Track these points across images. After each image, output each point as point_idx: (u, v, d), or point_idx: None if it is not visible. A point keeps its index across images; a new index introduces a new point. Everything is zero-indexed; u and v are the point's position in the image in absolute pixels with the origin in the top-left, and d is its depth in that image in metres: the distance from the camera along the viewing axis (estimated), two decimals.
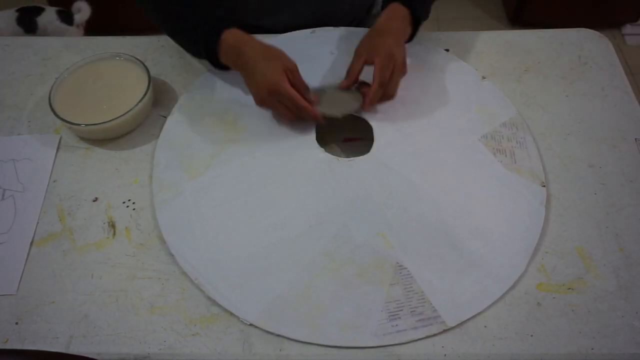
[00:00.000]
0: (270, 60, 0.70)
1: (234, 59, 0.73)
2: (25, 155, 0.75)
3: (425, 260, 0.63)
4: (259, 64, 0.70)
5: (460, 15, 2.11)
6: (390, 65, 0.71)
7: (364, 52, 0.74)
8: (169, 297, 0.62)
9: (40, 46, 0.90)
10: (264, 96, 0.71)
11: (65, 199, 0.71)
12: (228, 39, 0.72)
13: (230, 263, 0.64)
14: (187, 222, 0.67)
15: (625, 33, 1.99)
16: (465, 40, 0.89)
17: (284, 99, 0.70)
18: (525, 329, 0.59)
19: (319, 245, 0.65)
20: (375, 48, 0.72)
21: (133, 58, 0.80)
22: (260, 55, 0.71)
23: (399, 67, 0.72)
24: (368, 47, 0.74)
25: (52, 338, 0.59)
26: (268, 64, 0.70)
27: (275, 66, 0.69)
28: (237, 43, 0.72)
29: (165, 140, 0.75)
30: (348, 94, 0.76)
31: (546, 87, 0.82)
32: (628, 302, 0.61)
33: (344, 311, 0.60)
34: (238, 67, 0.73)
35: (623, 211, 0.68)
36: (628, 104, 0.80)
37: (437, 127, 0.76)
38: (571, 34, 0.90)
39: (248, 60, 0.71)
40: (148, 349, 0.58)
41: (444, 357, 0.58)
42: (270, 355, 0.58)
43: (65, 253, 0.66)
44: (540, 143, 0.75)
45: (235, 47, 0.72)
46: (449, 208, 0.67)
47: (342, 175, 0.71)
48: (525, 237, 0.65)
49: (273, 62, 0.70)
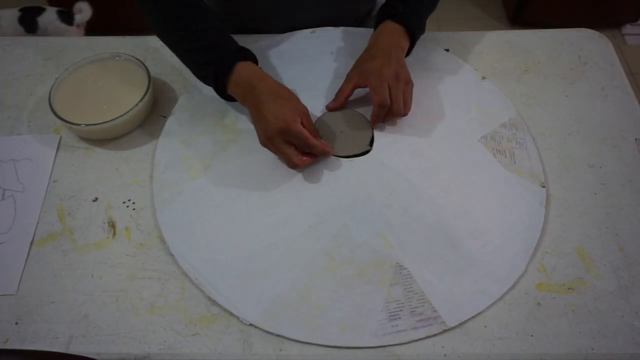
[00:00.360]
0: (284, 100, 0.68)
1: (244, 92, 0.69)
2: (25, 155, 0.75)
3: (425, 260, 0.63)
4: (271, 102, 0.67)
5: (460, 15, 2.11)
6: (384, 84, 0.70)
7: (354, 76, 0.75)
8: (169, 297, 0.62)
9: (40, 46, 0.90)
10: (272, 135, 0.66)
11: (65, 199, 0.71)
12: (241, 71, 0.69)
13: (230, 263, 0.64)
14: (187, 222, 0.67)
15: (625, 33, 1.99)
16: (465, 40, 0.89)
17: (294, 139, 0.67)
18: (525, 329, 0.59)
19: (319, 245, 0.65)
20: (365, 72, 0.72)
21: (133, 58, 0.80)
22: (274, 94, 0.68)
23: (394, 83, 0.71)
24: (358, 72, 0.74)
25: (52, 338, 0.59)
26: (281, 103, 0.67)
27: (289, 107, 0.67)
28: (251, 77, 0.69)
29: (165, 140, 0.75)
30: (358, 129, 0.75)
31: (546, 87, 0.82)
32: (628, 302, 0.61)
33: (343, 311, 0.60)
34: (247, 102, 0.70)
35: (623, 211, 0.68)
36: (628, 104, 0.80)
37: (437, 127, 0.76)
38: (571, 34, 0.90)
39: (260, 96, 0.67)
40: (148, 349, 0.58)
41: (444, 357, 0.58)
42: (270, 355, 0.58)
43: (65, 253, 0.66)
44: (540, 143, 0.75)
45: (248, 81, 0.69)
46: (449, 208, 0.67)
47: (342, 175, 0.71)
48: (525, 238, 0.65)
49: (287, 103, 0.67)
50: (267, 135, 0.67)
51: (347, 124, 0.76)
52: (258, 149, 0.73)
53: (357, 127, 0.75)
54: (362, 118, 0.76)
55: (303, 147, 0.68)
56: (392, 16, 0.75)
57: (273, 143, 0.67)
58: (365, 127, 0.75)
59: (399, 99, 0.71)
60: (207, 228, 0.67)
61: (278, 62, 0.83)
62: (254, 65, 0.71)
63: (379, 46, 0.74)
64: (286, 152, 0.67)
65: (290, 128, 0.65)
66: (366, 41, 0.78)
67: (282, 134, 0.66)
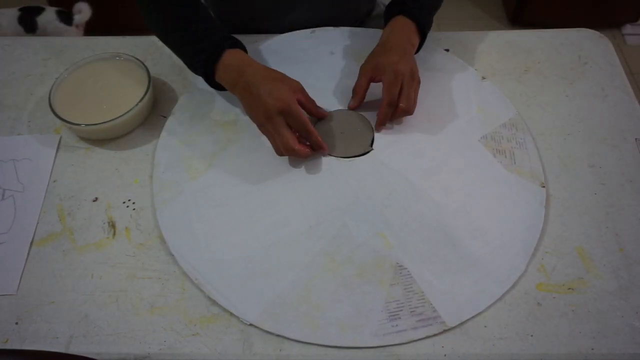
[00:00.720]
0: (276, 81, 0.67)
1: (233, 78, 0.69)
2: (25, 155, 0.75)
3: (425, 260, 0.63)
4: (265, 84, 0.66)
5: (460, 15, 2.11)
6: (398, 82, 0.70)
7: (369, 69, 0.73)
8: (169, 297, 0.62)
9: (40, 46, 0.90)
10: (272, 115, 0.65)
11: (65, 199, 0.71)
12: (230, 58, 0.70)
13: (230, 263, 0.64)
14: (188, 222, 0.67)
15: (625, 33, 1.99)
16: (465, 40, 0.89)
17: (294, 121, 0.66)
18: (525, 329, 0.59)
19: (319, 245, 0.65)
20: (381, 66, 0.71)
21: (133, 58, 0.80)
22: (266, 77, 0.67)
23: (408, 81, 0.71)
24: (373, 65, 0.73)
25: (52, 338, 0.59)
26: (275, 84, 0.66)
27: (284, 87, 0.67)
28: (239, 62, 0.69)
29: (165, 140, 0.75)
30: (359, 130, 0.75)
31: (546, 87, 0.82)
32: (628, 302, 0.61)
33: (343, 311, 0.60)
34: (237, 87, 0.69)
35: (623, 211, 0.68)
36: (628, 104, 0.80)
37: (437, 127, 0.76)
38: (571, 34, 0.90)
39: (252, 80, 0.67)
40: (148, 349, 0.58)
41: (444, 357, 0.58)
42: (270, 355, 0.58)
43: (65, 253, 0.66)
44: (540, 143, 0.75)
45: (237, 67, 0.69)
46: (449, 208, 0.67)
47: (342, 175, 0.71)
48: (525, 237, 0.65)
49: (279, 84, 0.67)
50: (268, 115, 0.66)
51: (347, 125, 0.75)
52: (258, 148, 0.73)
53: (357, 127, 0.75)
54: (362, 119, 0.76)
55: (301, 131, 0.68)
56: (403, 12, 0.75)
57: (273, 123, 0.66)
58: (366, 128, 0.75)
59: (411, 98, 0.71)
60: (207, 228, 0.67)
61: (278, 62, 0.83)
62: (242, 52, 0.72)
63: (393, 41, 0.73)
64: (286, 134, 0.66)
65: (291, 108, 0.65)
66: (366, 41, 0.78)
67: (283, 114, 0.66)
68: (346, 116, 0.76)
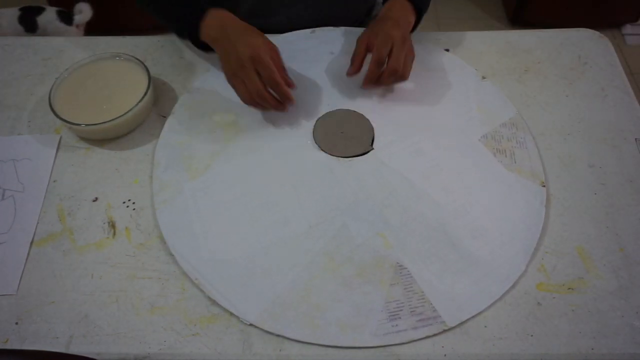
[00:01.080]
0: (254, 33, 0.71)
1: (216, 32, 0.72)
2: (25, 155, 0.75)
3: (425, 260, 0.63)
4: (243, 35, 0.70)
5: (460, 15, 2.11)
6: (388, 44, 0.71)
7: (365, 38, 0.75)
8: (169, 297, 0.62)
9: (40, 46, 0.90)
10: (244, 61, 0.69)
11: (65, 199, 0.71)
12: (214, 13, 0.73)
13: (230, 263, 0.64)
14: (187, 222, 0.67)
15: (625, 33, 1.99)
16: (465, 40, 0.89)
17: (263, 70, 0.69)
18: (525, 329, 0.59)
19: (319, 245, 0.65)
20: (374, 32, 0.73)
21: (133, 58, 0.80)
22: (245, 30, 0.71)
23: (399, 44, 0.72)
24: (368, 33, 0.75)
25: (52, 338, 0.59)
26: (252, 36, 0.70)
27: (259, 38, 0.70)
28: (224, 17, 0.73)
29: (165, 140, 0.75)
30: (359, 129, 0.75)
31: (546, 87, 0.82)
32: (628, 302, 0.61)
33: (343, 311, 0.60)
34: (218, 41, 0.72)
35: (623, 211, 0.68)
36: (628, 104, 0.80)
37: (438, 127, 0.76)
38: (571, 34, 0.90)
39: (231, 33, 0.71)
40: (148, 349, 0.58)
41: (444, 357, 0.58)
42: (270, 355, 0.58)
43: (65, 253, 0.66)
44: (540, 143, 0.75)
45: (220, 21, 0.72)
46: (449, 208, 0.67)
47: (341, 175, 0.71)
48: (525, 237, 0.65)
49: (258, 36, 0.71)
50: (240, 62, 0.69)
51: (347, 124, 0.75)
52: (258, 148, 0.73)
53: (357, 127, 0.75)
54: (362, 118, 0.76)
55: (269, 81, 0.70)
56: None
57: (244, 69, 0.69)
58: (366, 128, 0.75)
59: (399, 58, 0.72)
60: (207, 228, 0.67)
61: None
62: (226, 10, 0.74)
63: (389, 15, 0.75)
64: (256, 81, 0.69)
65: (261, 56, 0.68)
66: None
67: (253, 61, 0.68)
68: (346, 116, 0.76)
